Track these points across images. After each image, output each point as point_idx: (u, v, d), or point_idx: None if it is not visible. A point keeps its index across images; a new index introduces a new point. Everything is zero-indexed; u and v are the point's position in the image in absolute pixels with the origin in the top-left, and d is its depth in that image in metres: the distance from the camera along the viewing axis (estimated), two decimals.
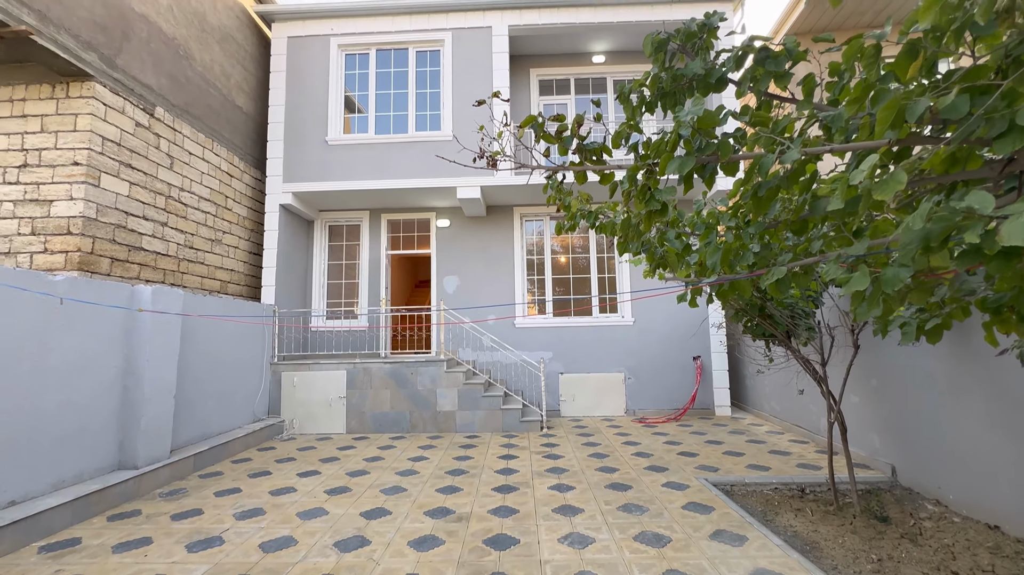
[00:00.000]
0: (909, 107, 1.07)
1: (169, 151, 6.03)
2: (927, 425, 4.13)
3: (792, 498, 4.20)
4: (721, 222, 2.03)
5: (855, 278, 1.13)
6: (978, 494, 3.63)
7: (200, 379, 5.58)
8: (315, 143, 7.77)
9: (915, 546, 3.16)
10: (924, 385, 4.13)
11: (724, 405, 7.90)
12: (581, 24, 7.81)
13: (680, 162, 1.23)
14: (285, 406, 7.11)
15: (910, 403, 4.30)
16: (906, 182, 0.97)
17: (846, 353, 4.38)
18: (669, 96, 1.93)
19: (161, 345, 4.79)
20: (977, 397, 3.64)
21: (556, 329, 8.30)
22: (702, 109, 1.26)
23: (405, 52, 8.02)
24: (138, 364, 4.60)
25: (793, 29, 7.97)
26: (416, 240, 8.74)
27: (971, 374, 3.67)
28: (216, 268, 6.91)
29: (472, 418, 7.00)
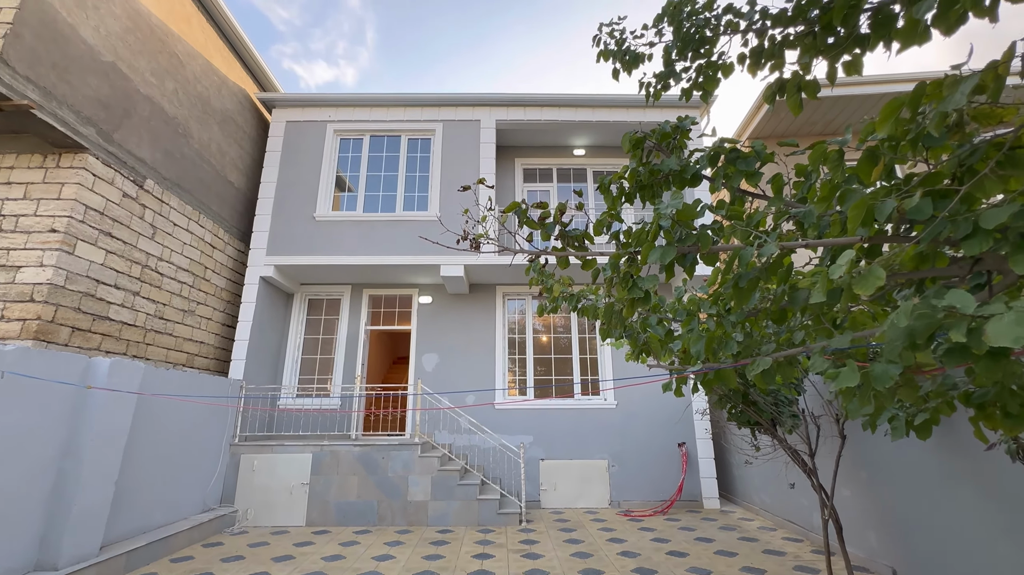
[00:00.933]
0: (877, 207, 1.12)
1: (153, 221, 6.03)
2: (924, 523, 3.94)
3: None
4: (702, 309, 2.04)
5: (843, 374, 1.10)
6: None
7: (148, 462, 5.11)
8: (303, 218, 7.90)
9: None
10: (915, 479, 4.00)
11: (712, 496, 7.52)
12: (563, 121, 8.47)
13: (662, 251, 1.25)
14: (241, 493, 6.49)
15: (904, 498, 4.14)
16: (884, 278, 0.97)
17: (833, 443, 4.28)
18: (647, 188, 2.02)
19: (109, 424, 4.42)
20: (969, 492, 3.52)
21: (537, 411, 8.02)
22: (681, 202, 1.31)
23: (398, 139, 8.50)
24: (80, 444, 4.20)
25: (754, 134, 8.76)
26: (397, 316, 8.65)
27: (962, 468, 3.58)
28: (185, 340, 6.63)
29: (446, 509, 6.47)
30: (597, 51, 3.13)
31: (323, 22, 55.18)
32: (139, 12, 5.83)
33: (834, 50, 1.51)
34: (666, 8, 2.64)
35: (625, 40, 2.81)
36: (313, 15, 53.50)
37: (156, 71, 6.11)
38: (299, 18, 52.31)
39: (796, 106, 1.70)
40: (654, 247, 1.25)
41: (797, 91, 1.67)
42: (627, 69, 2.99)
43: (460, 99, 8.40)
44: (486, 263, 7.64)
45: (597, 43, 3.12)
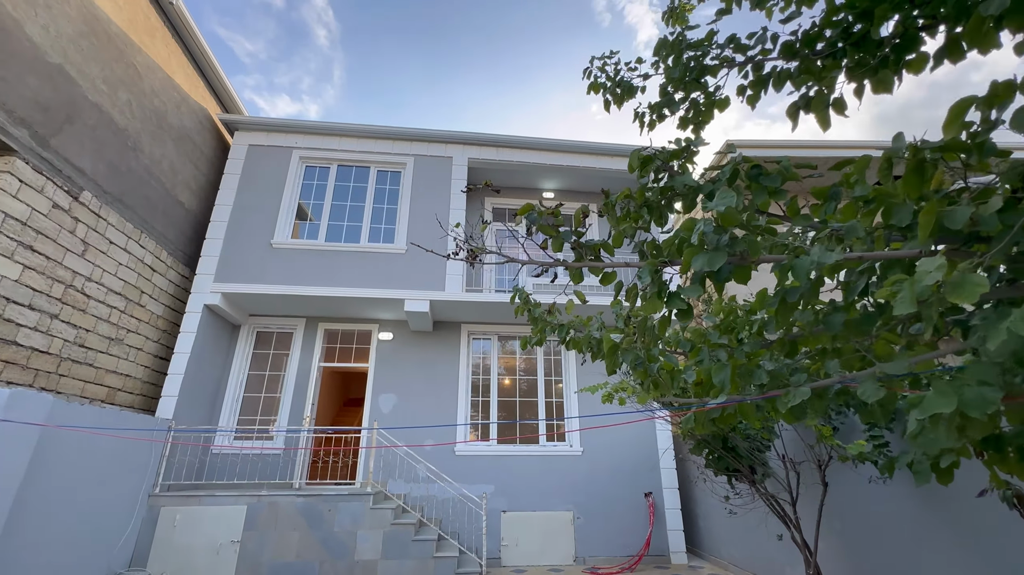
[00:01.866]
0: (948, 215, 1.01)
1: (86, 237, 5.43)
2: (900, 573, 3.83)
3: None
4: (709, 338, 1.89)
5: (930, 398, 0.94)
6: None
7: (43, 517, 4.29)
8: (258, 245, 7.42)
9: None
10: (891, 528, 3.93)
11: (680, 551, 7.21)
12: (533, 164, 8.60)
13: (709, 257, 1.10)
14: (156, 554, 5.58)
15: (879, 548, 4.03)
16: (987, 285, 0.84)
17: (814, 492, 4.15)
18: (655, 209, 1.91)
19: (1, 468, 3.69)
20: (946, 542, 3.46)
21: (499, 458, 7.57)
22: (732, 199, 1.18)
23: (367, 170, 8.31)
24: None
25: None
26: (354, 353, 8.11)
27: (938, 518, 3.53)
28: (107, 372, 5.86)
29: (398, 569, 5.81)
30: (588, 83, 3.13)
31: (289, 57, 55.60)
32: (97, 17, 5.50)
33: (862, 68, 1.49)
34: (663, 42, 2.67)
35: (620, 72, 2.82)
36: (280, 50, 53.87)
37: (109, 80, 5.71)
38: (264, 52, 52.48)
39: (824, 121, 1.66)
40: (700, 251, 1.10)
41: (825, 107, 1.64)
42: (618, 102, 2.99)
43: (433, 135, 8.39)
44: (453, 299, 7.37)
45: (588, 76, 3.12)
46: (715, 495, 6.57)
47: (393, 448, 7.13)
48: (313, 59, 55.20)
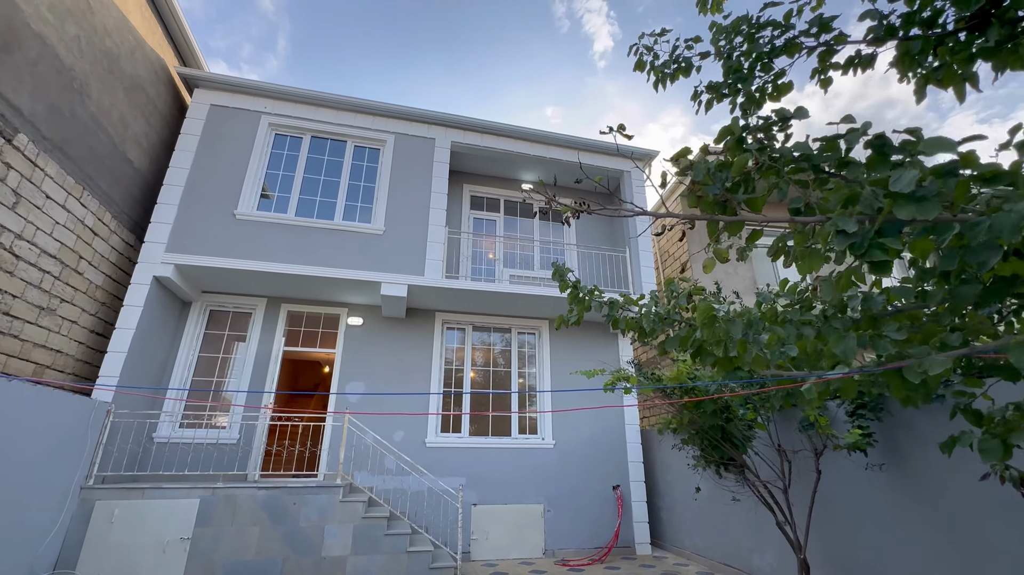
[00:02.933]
0: None
1: (18, 187, 4.66)
2: (869, 562, 4.08)
3: None
4: (788, 316, 1.87)
5: None
6: None
7: None
8: (219, 215, 6.75)
9: None
10: (866, 514, 4.17)
11: (644, 542, 7.38)
12: (517, 153, 8.47)
13: (921, 205, 1.02)
14: (88, 554, 4.90)
15: (855, 537, 4.27)
16: None
17: (804, 480, 4.31)
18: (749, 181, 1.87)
19: None
20: (919, 528, 3.73)
21: (471, 450, 7.39)
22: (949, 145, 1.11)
23: (343, 144, 7.81)
24: None
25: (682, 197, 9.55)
26: (320, 337, 7.60)
27: (912, 504, 3.80)
28: (35, 346, 5.08)
29: (369, 565, 5.49)
30: (634, 60, 3.06)
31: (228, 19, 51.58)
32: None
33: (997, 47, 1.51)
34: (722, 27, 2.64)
35: (677, 49, 2.77)
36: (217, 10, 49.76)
37: (56, 9, 4.94)
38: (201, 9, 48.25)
39: (961, 94, 1.68)
40: (908, 200, 1.03)
41: (962, 80, 1.65)
42: (668, 80, 2.94)
43: (415, 114, 8.04)
44: (432, 285, 7.10)
45: (634, 52, 3.06)
46: (681, 488, 6.55)
47: (362, 438, 6.75)
48: (256, 24, 51.50)
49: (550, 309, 8.10)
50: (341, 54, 57.63)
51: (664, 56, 2.92)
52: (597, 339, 8.58)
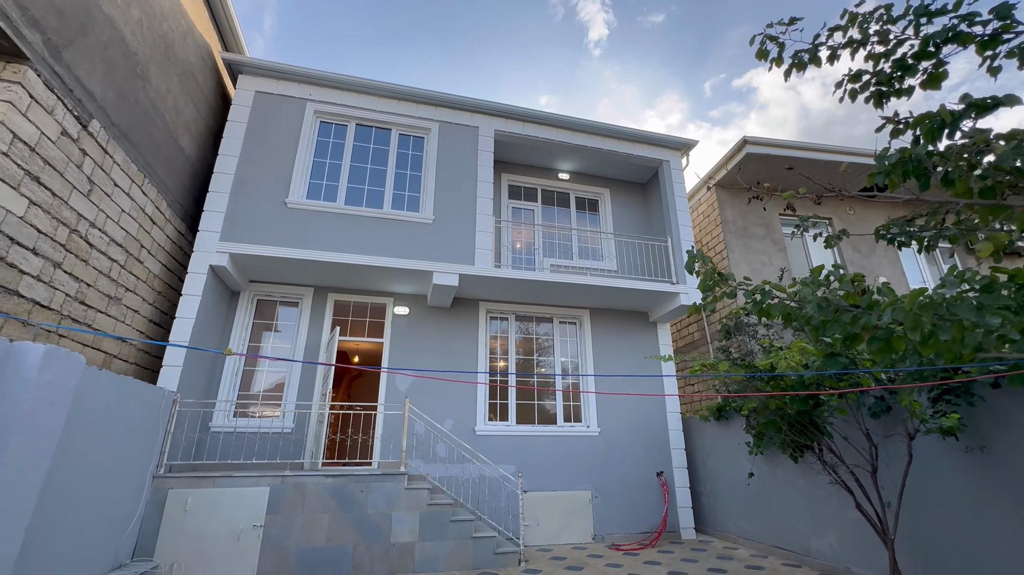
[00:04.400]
0: None
1: (92, 175, 4.60)
2: (950, 543, 4.17)
3: None
4: (981, 302, 1.90)
5: None
6: None
7: (57, 500, 3.61)
8: (270, 203, 6.69)
9: None
10: (940, 500, 4.26)
11: (689, 527, 7.52)
12: (558, 142, 8.43)
13: None
14: (165, 542, 4.92)
15: (926, 519, 4.35)
16: None
17: (894, 465, 4.32)
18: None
19: (33, 440, 3.05)
20: (1008, 511, 3.82)
21: (518, 438, 7.46)
22: None
23: (388, 132, 7.74)
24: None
25: (722, 181, 9.57)
26: (368, 327, 7.60)
27: (997, 488, 3.89)
28: (105, 336, 5.05)
29: (436, 551, 5.56)
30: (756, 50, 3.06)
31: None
32: None
33: None
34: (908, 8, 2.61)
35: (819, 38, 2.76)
36: None
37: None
38: None
39: None
40: None
41: None
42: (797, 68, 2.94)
43: (458, 102, 7.96)
44: (481, 274, 7.09)
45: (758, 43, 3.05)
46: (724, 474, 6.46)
47: (414, 427, 6.79)
48: (240, 1, 50.31)
49: (592, 298, 8.14)
50: (330, 33, 56.45)
51: (793, 44, 2.92)
52: (637, 328, 8.64)
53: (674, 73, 66.58)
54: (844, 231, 3.31)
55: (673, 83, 69.69)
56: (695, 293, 7.94)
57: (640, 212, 9.60)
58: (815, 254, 9.78)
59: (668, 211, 8.63)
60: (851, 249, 9.80)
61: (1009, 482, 3.82)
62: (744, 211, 9.61)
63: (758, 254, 9.27)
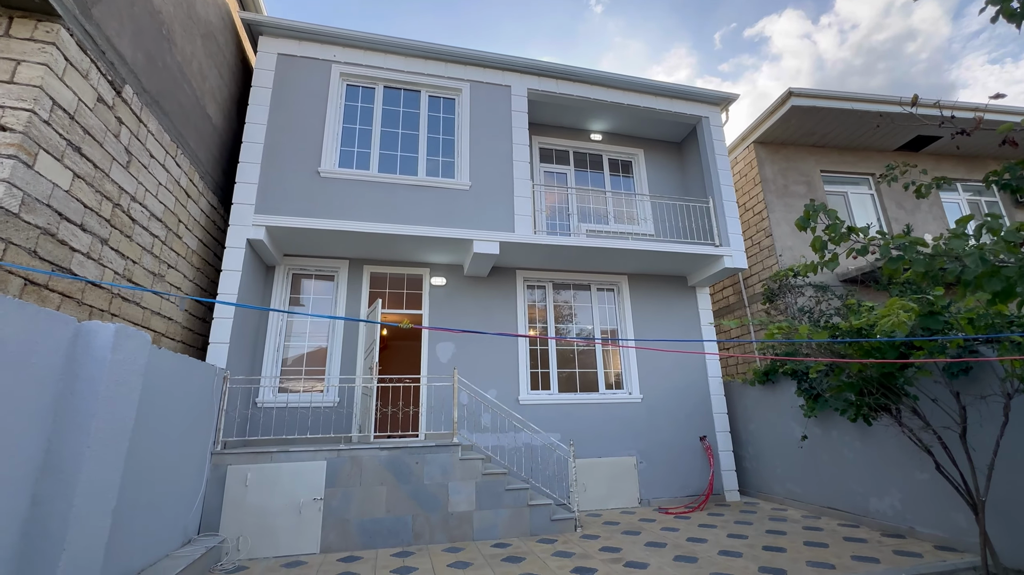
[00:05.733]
0: None
1: (129, 145, 4.35)
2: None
3: None
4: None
5: None
6: None
7: (134, 480, 3.55)
8: (303, 173, 6.42)
9: None
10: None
11: (733, 490, 7.53)
12: (594, 100, 8.00)
13: None
14: (228, 516, 4.94)
15: (1011, 479, 4.23)
16: None
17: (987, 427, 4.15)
18: None
19: (112, 422, 2.94)
20: None
21: (561, 406, 7.40)
22: None
23: (417, 94, 7.36)
24: (68, 453, 2.70)
25: (761, 138, 9.14)
26: (405, 299, 7.44)
27: None
28: (153, 314, 4.92)
29: (494, 519, 5.56)
30: None
31: None
32: None
33: None
34: None
35: None
36: None
37: None
38: None
39: None
40: None
41: None
42: None
43: (488, 59, 7.52)
44: (524, 241, 6.86)
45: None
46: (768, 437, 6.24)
47: (455, 397, 6.72)
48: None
49: (631, 264, 7.91)
50: None
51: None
52: (676, 293, 8.44)
53: (682, 23, 63.69)
54: (942, 179, 3.04)
55: (681, 35, 66.73)
56: (739, 255, 7.70)
57: (676, 173, 9.23)
58: (857, 214, 9.42)
59: (709, 170, 8.26)
60: (895, 206, 9.43)
61: None
62: (784, 168, 9.22)
63: (799, 213, 8.92)
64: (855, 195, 9.48)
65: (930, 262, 2.24)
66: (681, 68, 67.89)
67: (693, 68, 67.29)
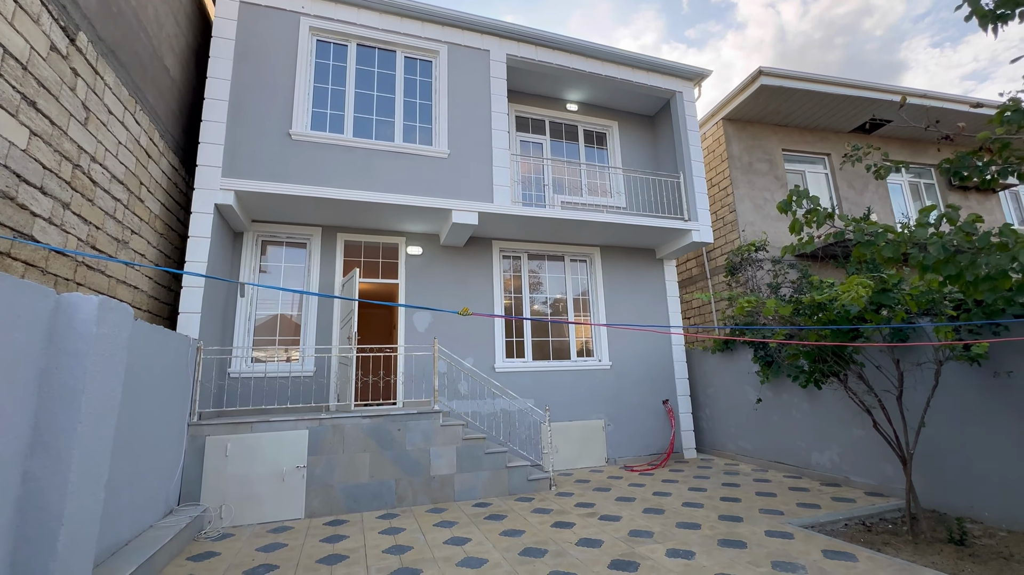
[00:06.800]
0: None
1: (86, 100, 4.00)
2: (954, 453, 4.70)
3: (871, 532, 4.31)
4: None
5: None
6: (1017, 510, 4.19)
7: (119, 453, 3.48)
8: (273, 135, 6.10)
9: (1012, 562, 3.43)
10: (951, 417, 4.72)
11: (691, 448, 8.15)
12: (571, 69, 7.93)
13: None
14: (209, 486, 4.92)
15: (932, 434, 4.84)
16: None
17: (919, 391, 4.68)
18: None
19: (101, 397, 2.86)
20: (1011, 424, 4.29)
21: (535, 373, 7.67)
22: None
23: (392, 55, 7.04)
24: (60, 430, 2.63)
25: (731, 115, 9.40)
26: (381, 268, 7.35)
27: (1007, 404, 4.32)
28: (118, 282, 4.66)
29: (474, 481, 5.82)
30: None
31: None
32: None
33: None
34: None
35: None
36: None
37: None
38: None
39: None
40: None
41: None
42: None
43: (468, 21, 7.27)
44: (503, 212, 6.88)
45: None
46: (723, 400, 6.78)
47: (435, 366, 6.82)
48: None
49: (603, 236, 8.11)
50: None
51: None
52: (644, 265, 8.76)
53: None
54: (903, 162, 3.31)
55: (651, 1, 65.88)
56: (706, 230, 8.04)
57: (648, 147, 9.39)
58: (812, 191, 9.96)
59: (680, 145, 8.47)
60: (846, 185, 10.04)
61: (1014, 399, 4.25)
62: (750, 146, 9.57)
63: (761, 190, 9.36)
64: (811, 174, 10.00)
65: (897, 248, 2.50)
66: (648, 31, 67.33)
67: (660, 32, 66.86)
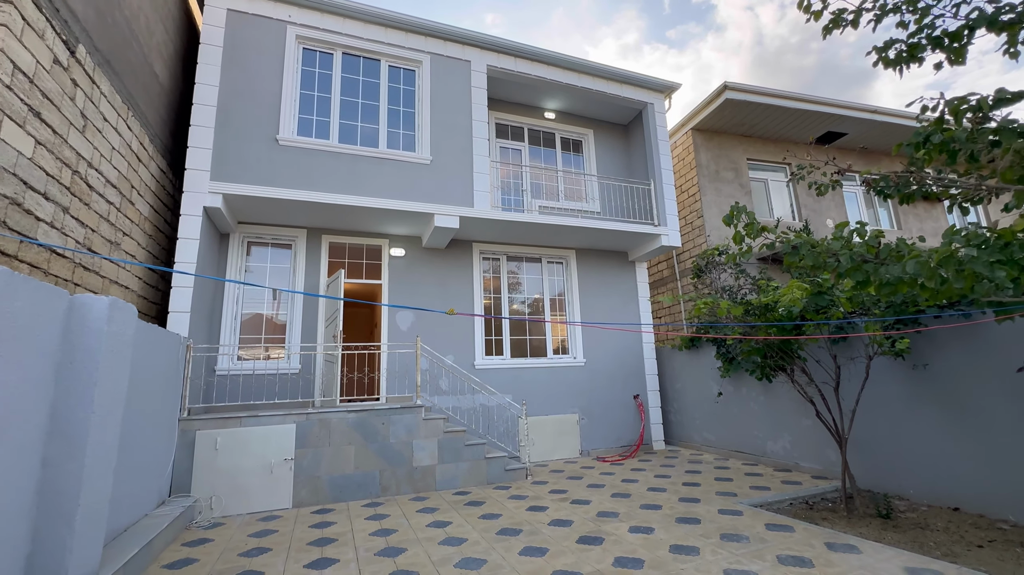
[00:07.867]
0: None
1: (84, 109, 4.19)
2: (885, 438, 5.27)
3: (812, 510, 4.82)
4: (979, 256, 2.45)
5: None
6: (936, 487, 4.77)
7: (121, 445, 3.70)
8: (260, 140, 6.31)
9: (927, 531, 3.98)
10: (881, 406, 5.30)
11: (660, 440, 8.65)
12: (550, 80, 8.33)
13: None
14: (200, 479, 5.13)
15: (867, 421, 5.42)
16: None
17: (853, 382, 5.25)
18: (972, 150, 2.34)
19: (111, 389, 3.10)
20: (931, 411, 4.87)
21: (514, 370, 8.04)
22: None
23: (377, 64, 7.30)
24: (76, 420, 2.87)
25: (699, 125, 9.95)
26: (365, 269, 7.61)
27: (927, 393, 4.90)
28: (111, 283, 4.84)
29: (455, 472, 6.16)
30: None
31: None
32: None
33: None
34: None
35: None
36: None
37: None
38: None
39: None
40: None
41: None
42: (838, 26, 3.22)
43: (450, 33, 7.58)
44: (483, 216, 7.23)
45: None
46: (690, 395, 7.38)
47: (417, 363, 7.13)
48: None
49: (578, 239, 8.53)
50: None
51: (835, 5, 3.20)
52: (617, 267, 9.22)
53: None
54: (837, 181, 3.80)
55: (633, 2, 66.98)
56: (675, 234, 8.54)
57: (622, 154, 9.86)
58: (774, 198, 10.61)
59: (652, 155, 8.95)
60: (805, 194, 10.71)
61: (934, 388, 4.83)
62: (716, 155, 10.14)
63: (727, 197, 9.93)
64: (774, 182, 10.64)
65: (817, 257, 2.95)
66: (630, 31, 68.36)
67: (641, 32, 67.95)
